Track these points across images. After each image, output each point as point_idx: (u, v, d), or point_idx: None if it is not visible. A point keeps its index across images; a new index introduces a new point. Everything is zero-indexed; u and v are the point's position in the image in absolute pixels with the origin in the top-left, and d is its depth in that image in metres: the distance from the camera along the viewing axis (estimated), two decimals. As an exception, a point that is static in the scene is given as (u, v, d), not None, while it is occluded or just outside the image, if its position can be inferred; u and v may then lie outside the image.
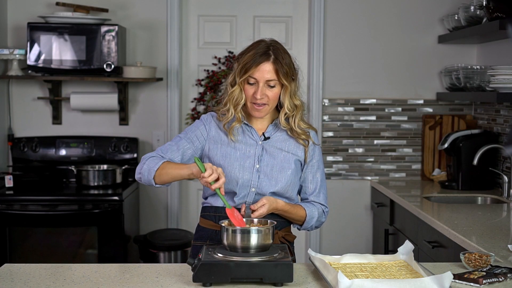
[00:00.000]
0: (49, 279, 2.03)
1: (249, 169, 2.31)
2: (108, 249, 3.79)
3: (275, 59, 2.26)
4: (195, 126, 2.39)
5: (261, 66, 2.25)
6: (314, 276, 2.08)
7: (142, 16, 4.34)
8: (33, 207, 3.78)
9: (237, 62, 2.32)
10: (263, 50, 2.27)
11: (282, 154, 2.35)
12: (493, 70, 3.51)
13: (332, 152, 4.43)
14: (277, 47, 2.30)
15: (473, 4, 3.80)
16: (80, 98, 4.23)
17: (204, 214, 2.40)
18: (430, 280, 1.82)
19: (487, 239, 2.60)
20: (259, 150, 2.34)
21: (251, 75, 2.26)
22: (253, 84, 2.28)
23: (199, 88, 4.45)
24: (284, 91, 2.31)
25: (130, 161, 4.26)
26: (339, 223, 4.46)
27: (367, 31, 4.39)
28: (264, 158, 2.33)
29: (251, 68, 2.25)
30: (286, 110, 2.33)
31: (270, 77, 2.26)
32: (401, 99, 4.42)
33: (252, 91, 2.28)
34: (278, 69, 2.26)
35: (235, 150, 2.33)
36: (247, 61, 2.26)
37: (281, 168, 2.33)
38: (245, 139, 2.36)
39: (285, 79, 2.28)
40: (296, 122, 2.35)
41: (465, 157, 3.89)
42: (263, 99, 2.28)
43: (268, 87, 2.28)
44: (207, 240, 2.35)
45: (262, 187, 2.31)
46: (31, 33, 4.01)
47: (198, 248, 2.35)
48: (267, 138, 2.36)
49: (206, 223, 2.38)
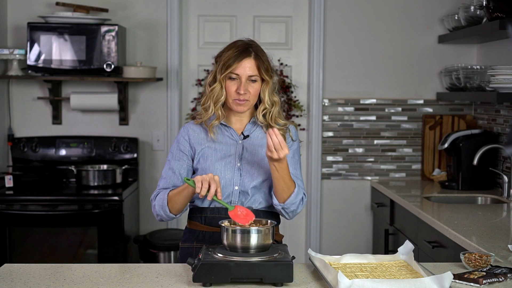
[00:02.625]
0: (49, 279, 2.03)
1: (231, 168, 2.33)
2: (108, 249, 3.79)
3: (256, 55, 2.32)
4: (176, 143, 2.42)
5: (243, 62, 2.30)
6: (314, 276, 2.08)
7: (142, 16, 4.34)
8: (33, 207, 3.78)
9: (216, 62, 2.37)
10: (244, 47, 2.33)
11: (263, 150, 2.35)
12: (493, 70, 3.51)
13: (332, 152, 4.43)
14: (255, 45, 2.37)
15: (473, 4, 3.80)
16: (80, 98, 4.23)
17: (191, 216, 2.41)
18: (430, 280, 1.82)
19: (487, 239, 2.60)
20: (239, 149, 2.36)
21: (233, 71, 2.30)
22: (235, 80, 2.31)
23: (199, 88, 4.45)
24: (264, 86, 2.35)
25: (130, 161, 4.26)
26: (339, 223, 4.46)
27: (367, 31, 4.39)
28: (245, 156, 2.35)
29: (233, 64, 2.29)
30: (266, 105, 2.36)
31: (252, 73, 2.31)
32: (401, 99, 4.42)
33: (235, 87, 2.31)
34: (259, 65, 2.31)
35: (215, 151, 2.36)
36: (229, 58, 2.30)
37: (262, 164, 2.35)
38: (225, 139, 2.38)
39: (266, 74, 2.33)
40: (273, 118, 2.38)
41: (465, 157, 3.89)
42: (245, 94, 2.31)
43: (250, 82, 2.32)
44: (194, 242, 2.37)
45: (245, 184, 2.33)
46: (31, 33, 4.01)
47: (186, 250, 2.38)
48: (246, 136, 2.39)
49: (193, 224, 2.40)
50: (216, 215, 2.34)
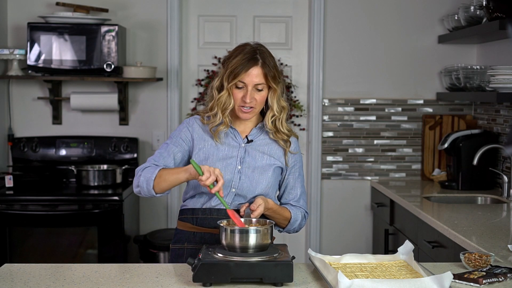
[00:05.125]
0: (49, 279, 2.03)
1: (231, 170, 2.33)
2: (108, 249, 3.79)
3: (263, 63, 2.28)
4: (179, 130, 2.40)
5: (250, 71, 2.27)
6: (314, 276, 2.08)
7: (142, 16, 4.34)
8: (33, 207, 3.78)
9: (223, 67, 2.34)
10: (251, 55, 2.29)
11: (265, 157, 2.36)
12: (493, 70, 3.51)
13: (332, 152, 4.43)
14: (263, 50, 2.32)
15: (473, 4, 3.80)
16: (80, 98, 4.23)
17: (182, 217, 2.41)
18: (430, 280, 1.82)
19: (487, 239, 2.60)
20: (241, 152, 2.36)
21: (241, 80, 2.28)
22: (242, 88, 2.30)
23: (199, 88, 4.45)
24: (272, 94, 2.33)
25: (130, 161, 4.26)
26: (339, 223, 4.46)
27: (367, 31, 4.39)
28: (246, 160, 2.34)
29: (240, 73, 2.27)
30: (274, 112, 2.34)
31: (259, 81, 2.29)
32: (401, 99, 4.42)
33: (241, 94, 2.30)
34: (266, 73, 2.29)
35: (217, 151, 2.35)
36: (236, 66, 2.27)
37: (263, 171, 2.35)
38: (228, 140, 2.37)
39: (273, 82, 2.31)
40: (283, 123, 2.38)
41: (465, 157, 3.89)
42: (251, 102, 2.29)
43: (256, 90, 2.30)
44: (185, 243, 2.36)
45: (243, 188, 2.32)
46: (31, 33, 4.01)
47: (177, 251, 2.37)
48: (250, 141, 2.38)
49: (183, 225, 2.39)
50: (207, 216, 2.34)
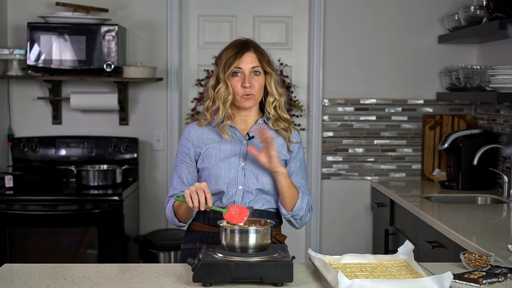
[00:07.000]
0: (49, 279, 2.03)
1: (235, 167, 2.33)
2: (108, 249, 3.79)
3: (255, 49, 2.36)
4: (180, 145, 2.43)
5: (244, 57, 2.33)
6: (314, 276, 2.08)
7: (142, 16, 4.34)
8: (33, 207, 3.78)
9: (216, 65, 2.39)
10: (242, 43, 2.37)
11: None
12: (493, 70, 3.51)
13: (332, 152, 4.43)
14: (254, 41, 2.41)
15: (473, 4, 3.80)
16: (80, 98, 4.23)
17: (194, 217, 2.41)
18: (430, 280, 1.82)
19: (487, 239, 2.60)
20: (244, 149, 2.36)
21: (236, 66, 2.32)
22: (239, 75, 2.33)
23: (199, 88, 4.45)
24: (269, 79, 2.38)
25: (130, 161, 4.26)
26: (339, 223, 4.46)
27: (367, 31, 4.39)
28: (249, 156, 2.34)
29: (235, 61, 2.32)
30: (275, 96, 2.38)
31: (255, 64, 2.34)
32: (401, 99, 4.42)
33: (240, 82, 2.33)
34: (260, 58, 2.35)
35: (219, 151, 2.35)
36: (229, 56, 2.33)
37: None
38: (229, 139, 2.38)
39: (269, 66, 2.36)
40: (283, 109, 2.41)
41: (465, 157, 3.89)
42: (251, 88, 2.32)
43: (253, 75, 2.34)
44: (196, 243, 2.37)
45: (249, 184, 2.33)
46: (31, 33, 4.01)
47: (188, 251, 2.37)
48: (251, 137, 2.38)
49: (195, 225, 2.40)
50: (219, 216, 2.33)
